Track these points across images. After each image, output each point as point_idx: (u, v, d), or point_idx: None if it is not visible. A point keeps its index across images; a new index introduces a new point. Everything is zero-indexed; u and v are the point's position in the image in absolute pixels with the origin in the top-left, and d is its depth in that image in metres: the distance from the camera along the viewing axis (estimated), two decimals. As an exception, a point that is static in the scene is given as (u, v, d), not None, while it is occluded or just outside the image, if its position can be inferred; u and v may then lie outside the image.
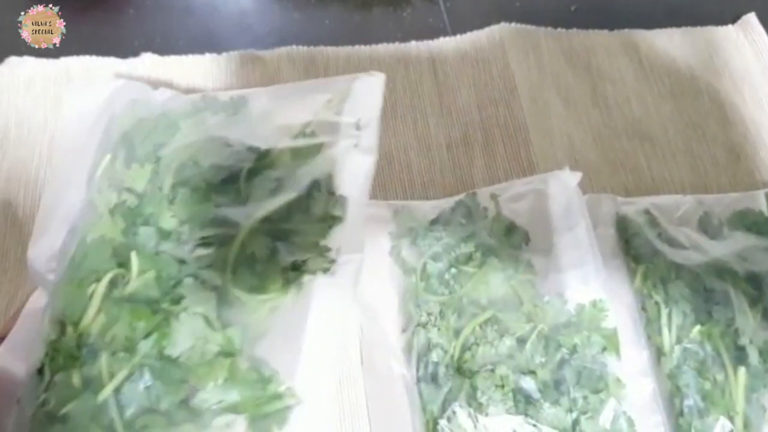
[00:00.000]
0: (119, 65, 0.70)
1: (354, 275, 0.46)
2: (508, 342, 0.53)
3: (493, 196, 0.61)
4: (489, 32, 0.75)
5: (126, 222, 0.47)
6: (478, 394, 0.50)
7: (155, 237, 0.46)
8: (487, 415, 0.50)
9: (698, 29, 0.77)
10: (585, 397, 0.51)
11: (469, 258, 0.57)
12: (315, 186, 0.49)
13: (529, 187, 0.61)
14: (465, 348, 0.53)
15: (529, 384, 0.52)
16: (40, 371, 0.43)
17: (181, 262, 0.45)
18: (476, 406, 0.50)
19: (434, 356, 0.54)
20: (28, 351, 0.44)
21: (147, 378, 0.42)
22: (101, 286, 0.44)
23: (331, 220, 0.48)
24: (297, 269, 0.45)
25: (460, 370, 0.52)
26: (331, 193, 0.49)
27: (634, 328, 0.57)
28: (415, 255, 0.59)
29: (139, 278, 0.44)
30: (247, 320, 0.44)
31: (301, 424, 0.43)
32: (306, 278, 0.45)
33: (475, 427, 0.50)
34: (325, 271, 0.45)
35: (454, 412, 0.51)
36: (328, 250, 0.46)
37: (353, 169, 0.50)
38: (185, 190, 0.48)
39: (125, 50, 0.72)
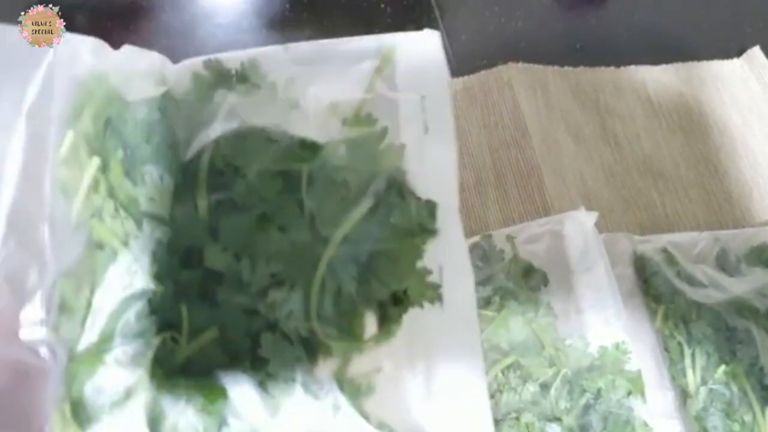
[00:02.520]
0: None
1: (469, 304, 0.35)
2: (532, 388, 0.52)
3: (509, 238, 0.61)
4: (497, 72, 0.75)
5: (159, 264, 0.34)
6: (505, 444, 0.50)
7: (207, 282, 0.34)
8: (514, 465, 0.49)
9: (704, 64, 0.78)
10: (612, 443, 0.51)
11: (488, 302, 0.56)
12: (393, 189, 0.37)
13: (546, 228, 0.61)
14: (488, 395, 0.52)
15: (555, 431, 0.51)
16: None
17: (251, 312, 0.34)
18: (503, 456, 0.50)
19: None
20: None
21: None
22: (147, 359, 0.32)
23: (423, 234, 0.36)
24: (399, 303, 0.35)
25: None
26: (416, 198, 0.37)
27: (658, 370, 0.56)
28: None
29: (195, 341, 0.33)
30: (350, 376, 0.34)
31: None
32: (411, 313, 0.35)
33: (503, 478, 0.49)
34: (432, 300, 0.35)
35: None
36: (429, 272, 0.36)
37: (433, 164, 0.38)
38: (231, 211, 0.35)
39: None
